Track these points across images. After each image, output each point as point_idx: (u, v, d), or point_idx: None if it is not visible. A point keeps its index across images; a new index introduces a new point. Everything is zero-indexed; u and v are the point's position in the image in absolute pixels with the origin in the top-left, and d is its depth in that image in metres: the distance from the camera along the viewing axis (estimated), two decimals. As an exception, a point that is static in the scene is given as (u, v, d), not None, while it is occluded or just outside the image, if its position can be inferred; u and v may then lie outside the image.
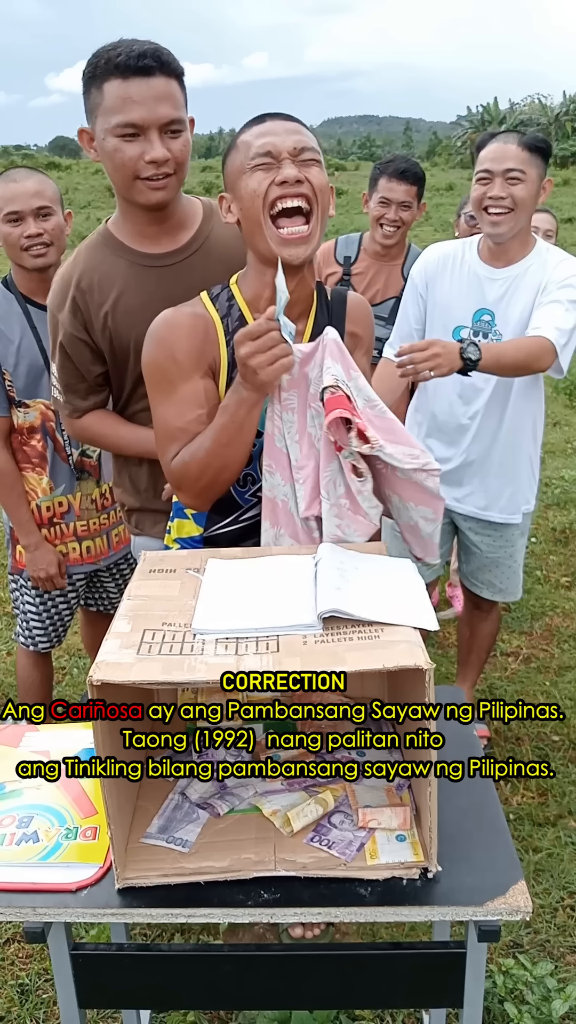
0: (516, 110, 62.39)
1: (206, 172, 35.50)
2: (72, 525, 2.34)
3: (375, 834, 1.19)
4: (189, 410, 1.43)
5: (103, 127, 1.53)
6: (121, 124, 1.50)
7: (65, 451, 2.27)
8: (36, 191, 2.08)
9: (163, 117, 1.50)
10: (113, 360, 1.71)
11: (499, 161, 2.16)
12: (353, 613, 1.13)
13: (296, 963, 1.27)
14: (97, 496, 2.36)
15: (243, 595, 1.23)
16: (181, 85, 1.56)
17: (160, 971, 1.25)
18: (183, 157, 1.57)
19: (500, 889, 1.12)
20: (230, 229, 1.54)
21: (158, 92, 1.49)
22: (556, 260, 2.24)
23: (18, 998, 1.94)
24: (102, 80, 1.50)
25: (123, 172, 1.54)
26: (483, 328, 2.27)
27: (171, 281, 1.64)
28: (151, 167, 1.53)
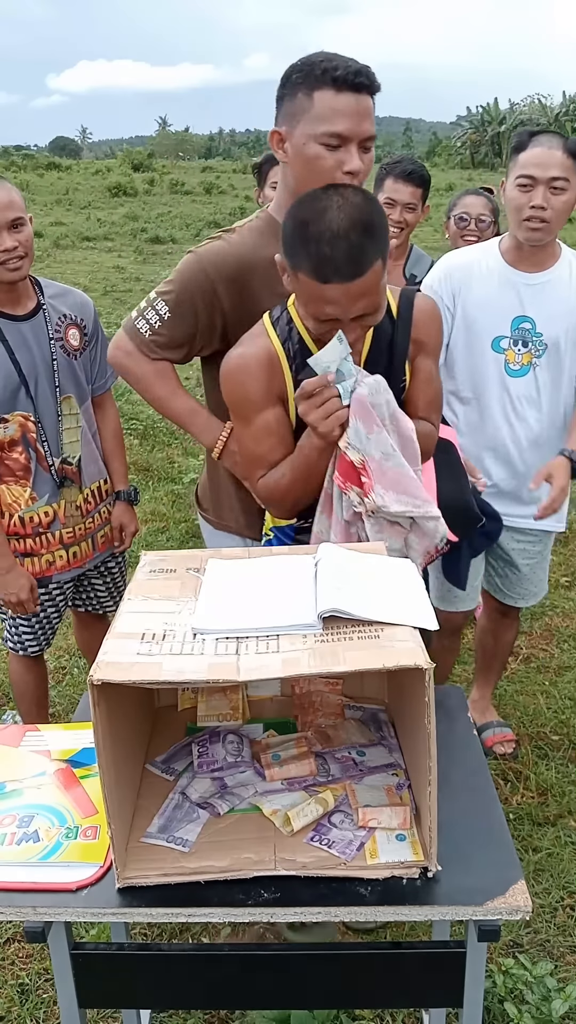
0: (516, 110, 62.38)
1: (206, 172, 35.52)
2: (58, 533, 2.28)
3: (375, 833, 1.19)
4: (265, 439, 1.58)
5: (306, 132, 1.57)
6: (328, 133, 1.55)
7: (47, 460, 2.21)
8: (8, 202, 2.02)
9: (364, 132, 1.58)
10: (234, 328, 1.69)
11: (544, 168, 2.07)
12: (353, 612, 1.13)
13: (296, 963, 1.27)
14: (81, 501, 2.31)
15: (243, 595, 1.23)
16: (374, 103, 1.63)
17: (160, 971, 1.25)
18: (368, 171, 1.64)
19: (500, 889, 1.12)
20: None
21: (364, 109, 1.57)
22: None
23: (18, 998, 1.95)
24: (313, 88, 1.56)
25: (319, 177, 1.57)
26: (523, 336, 2.21)
27: None
28: (347, 177, 1.57)
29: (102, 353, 2.27)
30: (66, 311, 2.23)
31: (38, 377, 2.14)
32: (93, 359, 2.30)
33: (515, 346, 2.21)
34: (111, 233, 16.33)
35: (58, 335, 2.19)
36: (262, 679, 1.06)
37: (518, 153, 2.15)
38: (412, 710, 1.18)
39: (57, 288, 2.27)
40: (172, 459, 5.39)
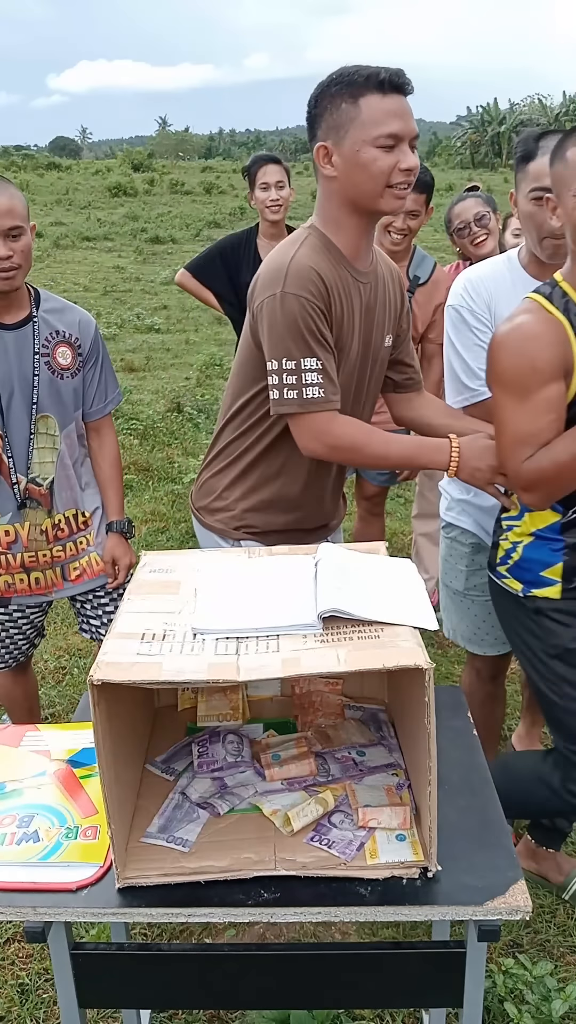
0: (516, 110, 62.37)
1: (206, 172, 35.50)
2: (19, 556, 2.16)
3: (375, 833, 1.19)
4: (544, 415, 1.55)
5: (359, 138, 1.60)
6: (383, 135, 1.59)
7: (11, 477, 2.08)
8: (8, 209, 1.89)
9: (414, 131, 1.63)
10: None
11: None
12: (353, 612, 1.13)
13: (296, 963, 1.27)
14: (48, 527, 2.16)
15: (243, 595, 1.23)
16: None
17: (160, 971, 1.25)
18: (418, 171, 1.68)
19: (500, 889, 1.12)
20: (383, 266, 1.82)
21: (408, 109, 1.63)
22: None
23: (18, 998, 1.94)
24: (358, 96, 1.59)
25: (378, 180, 1.62)
26: None
27: (364, 297, 1.75)
28: (403, 175, 1.62)
29: (102, 377, 2.19)
30: (60, 328, 2.10)
31: (14, 390, 2.04)
32: (89, 382, 2.17)
33: None
34: (111, 233, 16.33)
35: (45, 351, 2.07)
36: (262, 679, 1.06)
37: (527, 162, 1.95)
38: (412, 710, 1.18)
39: (57, 303, 2.15)
40: (172, 459, 5.39)
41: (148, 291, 11.01)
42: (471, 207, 3.11)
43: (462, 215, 3.11)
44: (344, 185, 1.66)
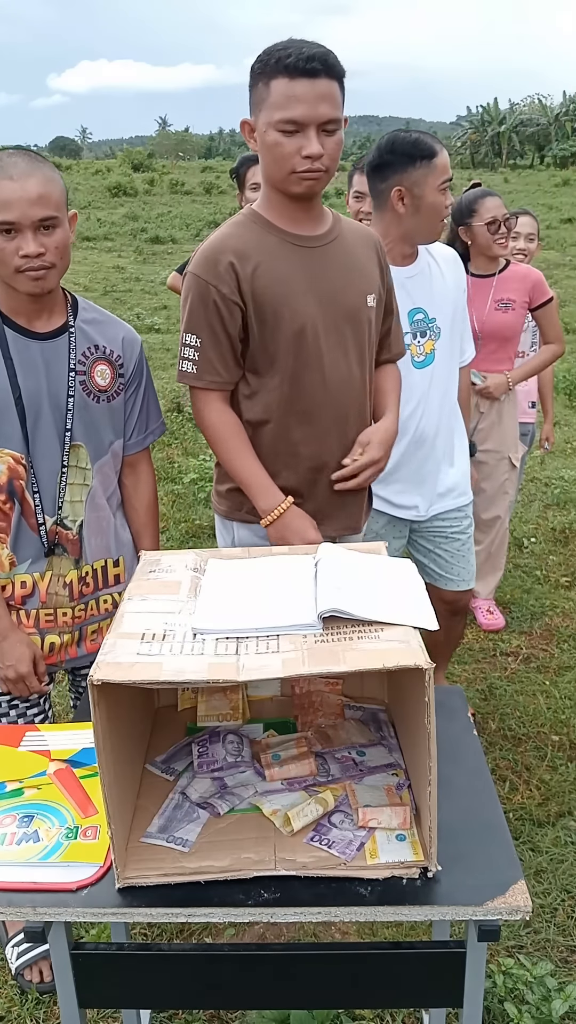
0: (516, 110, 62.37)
1: (206, 173, 35.49)
2: (34, 613, 1.77)
3: (375, 833, 1.19)
4: None
5: (266, 120, 1.66)
6: (283, 120, 1.63)
7: (36, 517, 1.74)
8: (40, 195, 1.57)
9: (322, 116, 1.63)
10: (262, 324, 1.77)
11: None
12: (353, 613, 1.13)
13: (296, 963, 1.27)
14: (74, 580, 1.79)
15: (243, 595, 1.23)
16: (342, 87, 1.68)
17: (160, 971, 1.25)
18: (335, 155, 1.70)
19: (500, 889, 1.12)
20: (352, 234, 1.87)
21: (321, 93, 1.62)
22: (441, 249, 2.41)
23: (18, 998, 1.94)
24: (270, 77, 1.63)
25: (281, 164, 1.68)
26: (420, 327, 2.30)
27: (313, 261, 1.79)
28: (307, 161, 1.65)
29: (144, 404, 1.87)
30: (100, 342, 1.78)
31: (41, 411, 1.70)
32: (131, 410, 1.84)
33: (416, 339, 2.29)
34: (111, 233, 16.33)
35: (82, 367, 1.75)
36: (262, 679, 1.06)
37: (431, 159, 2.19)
38: (412, 710, 1.18)
39: (99, 314, 1.84)
40: (172, 459, 5.39)
41: (148, 291, 11.02)
42: (501, 206, 3.11)
43: (494, 211, 3.08)
44: (261, 163, 1.75)
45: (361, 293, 1.85)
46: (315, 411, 1.83)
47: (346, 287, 1.82)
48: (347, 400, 1.86)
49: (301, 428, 1.84)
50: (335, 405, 1.84)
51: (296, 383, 1.81)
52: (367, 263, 1.88)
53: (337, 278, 1.81)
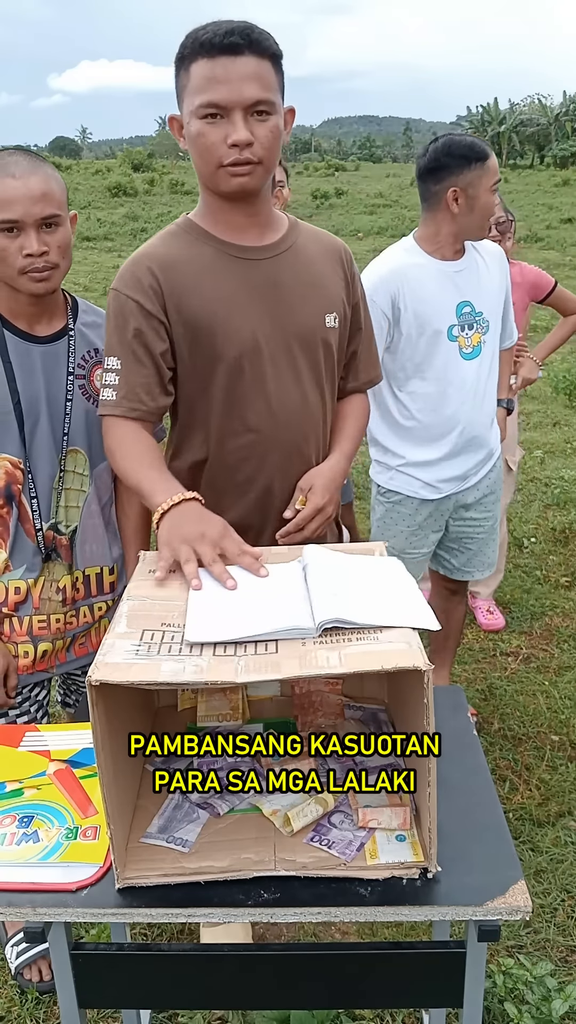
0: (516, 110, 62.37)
1: (206, 172, 35.44)
2: (27, 620, 1.75)
3: (375, 834, 1.19)
4: None
5: (188, 110, 1.46)
6: (204, 104, 1.42)
7: (33, 523, 1.72)
8: (42, 193, 1.57)
9: (248, 98, 1.41)
10: (192, 346, 1.56)
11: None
12: (355, 621, 1.12)
13: (296, 963, 1.27)
14: (67, 585, 1.78)
15: (233, 603, 1.21)
16: (276, 67, 1.47)
17: (160, 971, 1.25)
18: (271, 143, 1.46)
19: (500, 889, 1.12)
20: (313, 243, 1.67)
21: (245, 72, 1.41)
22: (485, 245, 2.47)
23: (18, 998, 1.94)
24: (190, 61, 1.44)
25: (206, 158, 1.46)
26: (468, 320, 2.36)
27: (258, 276, 1.58)
28: (234, 151, 1.44)
29: None
30: (100, 345, 1.73)
31: (39, 416, 1.69)
32: None
33: (464, 331, 2.36)
34: (111, 233, 16.34)
35: (81, 371, 1.74)
36: (261, 680, 1.06)
37: (485, 161, 2.28)
38: (412, 710, 1.18)
39: (98, 316, 1.79)
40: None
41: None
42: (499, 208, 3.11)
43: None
44: (193, 162, 1.52)
45: (317, 312, 1.62)
46: (261, 444, 1.61)
47: (298, 305, 1.60)
48: (302, 429, 1.64)
49: (247, 463, 1.62)
50: (286, 436, 1.62)
51: (235, 414, 1.60)
52: (328, 277, 1.66)
53: (287, 295, 1.59)
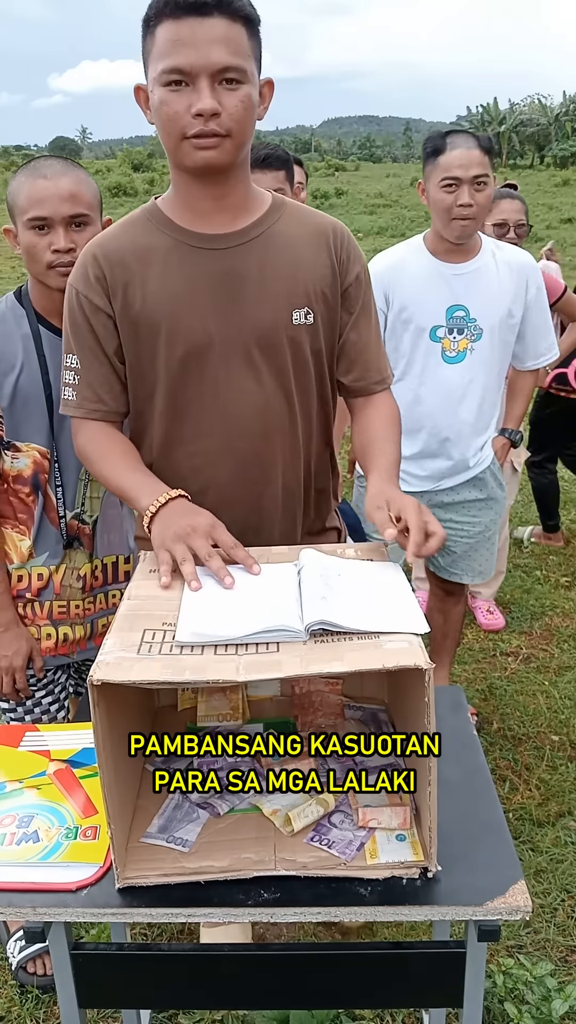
0: (516, 110, 62.39)
1: (206, 172, 35.46)
2: (48, 605, 1.83)
3: (375, 834, 1.19)
4: None
5: (152, 76, 1.33)
6: (167, 70, 1.30)
7: (57, 511, 1.79)
8: (71, 193, 1.63)
9: (215, 63, 1.29)
10: (135, 345, 1.48)
11: (466, 168, 2.20)
12: (341, 624, 1.11)
13: (296, 963, 1.27)
14: (87, 573, 1.85)
15: (225, 604, 1.21)
16: (252, 33, 1.35)
17: (160, 971, 1.25)
18: (241, 115, 1.34)
19: (500, 889, 1.12)
20: (297, 226, 1.50)
21: (213, 34, 1.29)
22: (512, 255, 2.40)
23: (18, 998, 1.94)
24: (156, 22, 1.31)
25: (169, 129, 1.34)
26: (458, 324, 2.33)
27: (220, 266, 1.45)
28: (198, 121, 1.31)
29: None
30: None
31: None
32: None
33: (451, 334, 2.33)
34: (111, 233, 16.32)
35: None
36: (262, 679, 1.06)
37: (436, 156, 2.24)
38: (412, 710, 1.18)
39: None
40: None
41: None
42: (517, 211, 3.08)
43: (508, 214, 3.06)
44: (159, 136, 1.40)
45: (282, 308, 1.46)
46: (213, 452, 1.50)
47: (259, 300, 1.46)
48: (263, 435, 1.51)
49: (200, 473, 1.51)
50: (242, 444, 1.50)
51: (185, 419, 1.50)
52: (306, 265, 1.48)
53: (247, 289, 1.45)
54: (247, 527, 1.48)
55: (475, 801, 1.28)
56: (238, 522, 1.46)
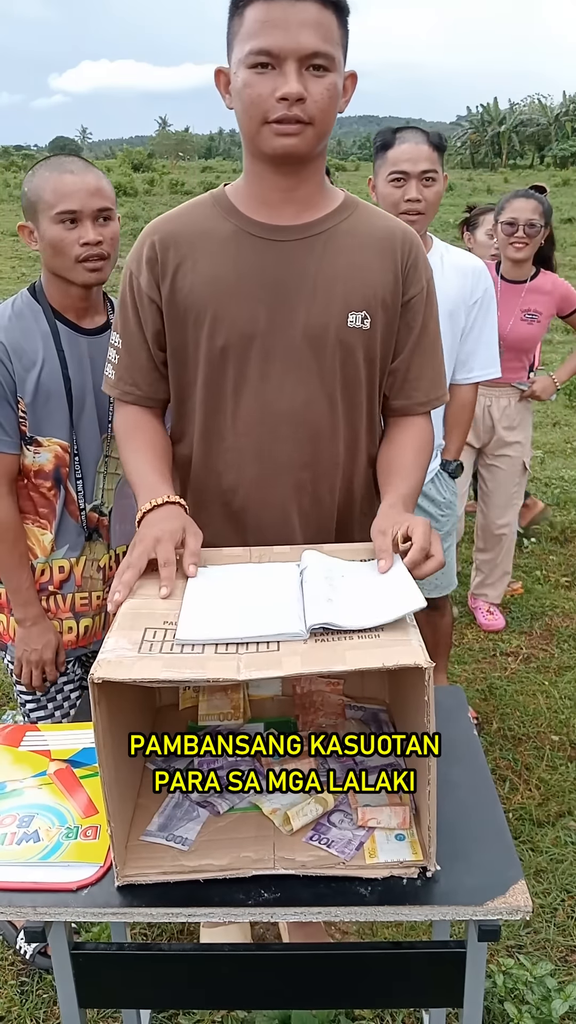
0: (516, 110, 62.41)
1: (206, 173, 35.49)
2: (70, 597, 1.88)
3: (374, 833, 1.19)
4: None
5: (236, 58, 1.30)
6: (254, 51, 1.26)
7: (77, 504, 1.84)
8: (97, 188, 1.69)
9: (305, 47, 1.25)
10: (179, 330, 1.45)
11: (414, 162, 2.16)
12: (343, 625, 1.12)
13: (296, 963, 1.27)
14: (106, 563, 1.91)
15: (227, 604, 1.21)
16: (341, 22, 1.31)
17: (160, 970, 1.25)
18: (326, 103, 1.30)
19: (500, 888, 1.12)
20: (365, 228, 1.45)
21: (304, 18, 1.25)
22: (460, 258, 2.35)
23: (18, 998, 1.94)
24: (245, 4, 1.28)
25: (251, 113, 1.30)
26: None
27: (277, 258, 1.41)
28: (282, 106, 1.27)
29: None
30: None
31: (85, 403, 1.79)
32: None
33: None
34: (111, 233, 16.31)
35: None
36: (263, 678, 1.06)
37: (385, 151, 2.21)
38: (412, 710, 1.18)
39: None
40: (172, 459, 5.38)
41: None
42: (528, 209, 3.01)
43: (517, 212, 3.01)
44: (237, 120, 1.36)
45: (338, 308, 1.41)
46: (246, 451, 1.46)
47: (315, 297, 1.40)
48: (301, 440, 1.46)
49: (228, 473, 1.49)
50: (278, 448, 1.45)
51: (221, 412, 1.46)
52: (369, 269, 1.43)
53: (303, 284, 1.40)
54: (276, 536, 1.47)
55: (475, 801, 1.28)
56: (264, 529, 1.48)
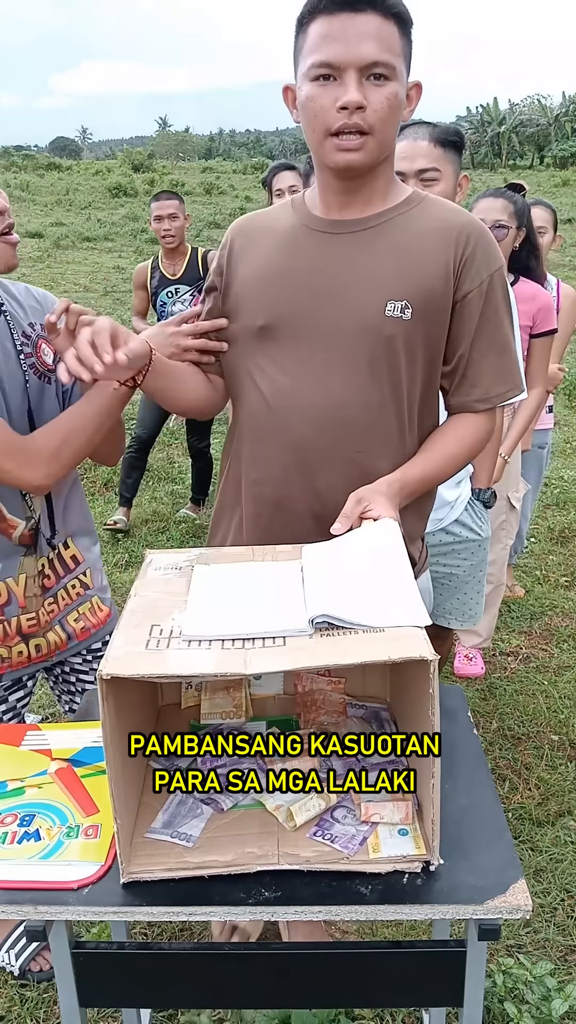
0: (516, 110, 62.40)
1: (206, 173, 35.49)
2: (16, 621, 1.69)
3: (377, 828, 1.19)
4: None
5: (300, 73, 1.35)
6: (316, 64, 1.30)
7: (5, 517, 1.63)
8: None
9: (364, 57, 1.28)
10: (230, 310, 1.52)
11: (410, 160, 1.94)
12: (345, 619, 1.12)
13: (296, 962, 1.27)
14: (42, 569, 1.71)
15: (231, 601, 1.21)
16: (404, 32, 1.34)
17: (161, 970, 1.25)
18: (386, 112, 1.32)
19: (500, 888, 1.12)
20: (425, 220, 1.44)
21: (364, 29, 1.28)
22: None
23: (18, 998, 1.94)
24: (309, 20, 1.33)
25: (314, 125, 1.34)
26: None
27: (328, 250, 1.44)
28: (342, 115, 1.30)
29: None
30: (34, 319, 1.63)
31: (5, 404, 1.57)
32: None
33: None
34: (111, 234, 16.34)
35: (27, 349, 1.60)
36: (270, 671, 1.06)
37: None
38: (414, 707, 1.18)
39: (16, 286, 1.65)
40: (172, 459, 5.39)
41: (148, 291, 11.01)
42: (498, 209, 2.77)
43: (483, 211, 2.79)
44: (304, 134, 1.41)
45: (377, 296, 1.40)
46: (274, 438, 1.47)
47: (354, 285, 1.41)
48: (331, 429, 1.43)
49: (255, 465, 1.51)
50: (303, 435, 1.44)
51: (255, 396, 1.48)
52: (422, 259, 1.41)
53: (348, 273, 1.41)
54: (304, 533, 1.45)
55: (475, 801, 1.28)
56: (289, 527, 1.47)
